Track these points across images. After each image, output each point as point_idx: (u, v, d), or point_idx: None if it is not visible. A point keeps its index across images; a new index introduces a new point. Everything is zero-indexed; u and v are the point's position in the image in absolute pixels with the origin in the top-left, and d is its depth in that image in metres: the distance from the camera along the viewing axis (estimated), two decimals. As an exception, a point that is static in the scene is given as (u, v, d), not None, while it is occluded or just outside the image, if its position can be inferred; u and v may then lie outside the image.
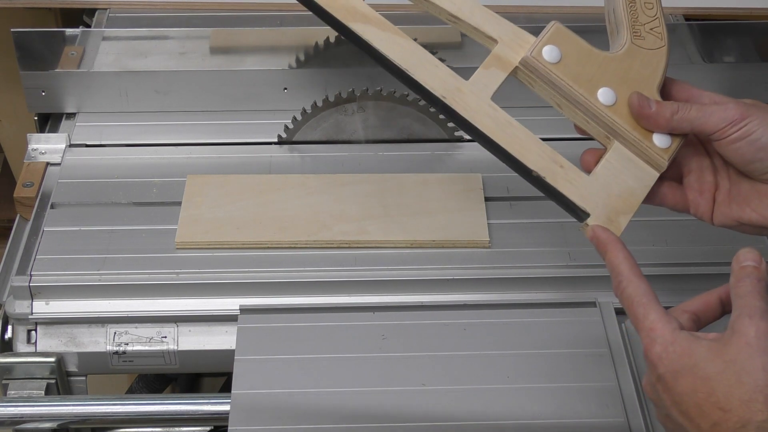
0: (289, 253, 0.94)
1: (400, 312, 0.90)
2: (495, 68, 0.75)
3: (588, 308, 0.90)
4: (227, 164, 1.04)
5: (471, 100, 0.75)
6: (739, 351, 0.61)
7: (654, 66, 0.76)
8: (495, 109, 0.75)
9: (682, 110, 0.73)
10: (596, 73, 0.75)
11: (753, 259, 0.66)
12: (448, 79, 0.75)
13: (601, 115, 0.74)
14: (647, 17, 0.77)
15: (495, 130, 0.74)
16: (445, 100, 0.75)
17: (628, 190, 0.74)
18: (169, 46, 1.14)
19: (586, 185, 0.74)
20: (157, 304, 0.91)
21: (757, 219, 0.73)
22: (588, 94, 0.74)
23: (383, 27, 0.76)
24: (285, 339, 0.87)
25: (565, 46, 0.75)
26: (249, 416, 0.82)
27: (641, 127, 0.74)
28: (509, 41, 0.76)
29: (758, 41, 1.15)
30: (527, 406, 0.83)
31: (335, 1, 0.76)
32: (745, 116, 0.70)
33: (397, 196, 0.99)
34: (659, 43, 0.76)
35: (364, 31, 0.76)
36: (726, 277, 0.92)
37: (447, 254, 0.94)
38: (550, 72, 0.74)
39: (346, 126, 1.06)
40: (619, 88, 0.74)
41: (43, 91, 1.09)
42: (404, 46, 0.76)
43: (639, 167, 0.74)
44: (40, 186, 1.02)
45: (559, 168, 0.74)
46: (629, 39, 0.76)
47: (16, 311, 0.90)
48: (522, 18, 1.21)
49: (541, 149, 0.74)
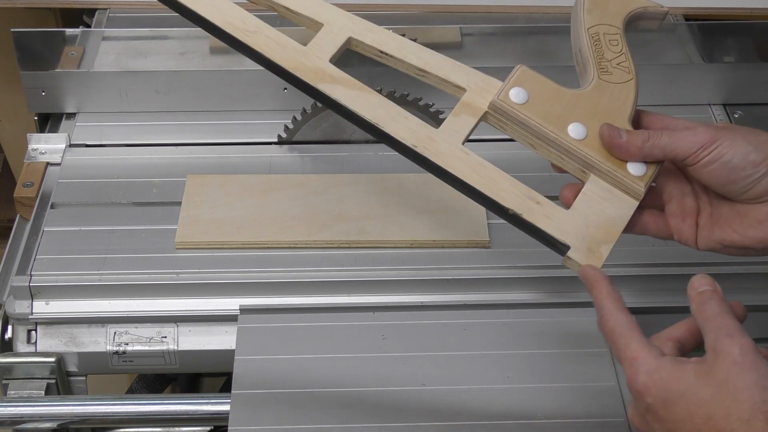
0: (289, 253, 0.94)
1: (400, 312, 0.90)
2: (465, 114, 0.77)
3: (588, 308, 0.90)
4: (227, 164, 1.04)
5: (443, 147, 0.76)
6: (728, 371, 0.61)
7: (623, 98, 0.76)
8: (467, 153, 0.76)
9: (653, 138, 0.73)
10: (565, 110, 0.75)
11: (708, 284, 0.66)
12: (418, 129, 0.77)
13: (573, 150, 0.74)
14: (612, 53, 0.78)
15: (468, 173, 0.75)
16: (416, 149, 0.76)
17: (608, 220, 0.74)
18: (169, 46, 1.14)
19: (565, 219, 0.74)
20: (157, 304, 0.91)
21: (740, 240, 0.73)
22: (558, 130, 0.75)
23: (350, 85, 0.78)
24: (285, 339, 0.88)
25: (531, 86, 0.76)
26: (249, 416, 0.82)
27: (614, 158, 0.74)
28: (477, 88, 0.78)
29: (758, 41, 1.15)
30: (527, 406, 0.83)
31: (303, 65, 0.79)
32: (715, 139, 0.70)
33: (397, 196, 0.99)
34: (627, 77, 0.77)
35: (333, 90, 0.78)
36: (726, 277, 0.92)
37: (447, 254, 0.94)
38: (518, 113, 0.75)
39: (346, 126, 1.06)
40: (589, 122, 0.75)
41: (43, 91, 1.09)
42: (372, 101, 0.78)
43: (617, 197, 0.74)
44: (40, 186, 1.02)
45: (536, 204, 0.75)
46: (596, 75, 0.77)
47: (16, 311, 0.90)
48: (522, 18, 1.21)
49: (515, 187, 0.75)
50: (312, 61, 0.79)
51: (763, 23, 1.15)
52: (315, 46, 0.80)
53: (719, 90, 1.12)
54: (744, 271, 0.92)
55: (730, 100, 1.12)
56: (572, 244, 0.73)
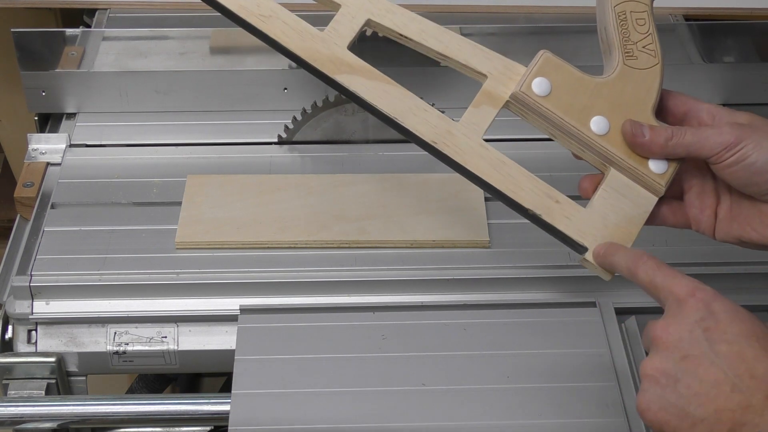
0: (289, 253, 0.94)
1: (400, 312, 0.90)
2: (485, 105, 0.76)
3: (588, 308, 0.90)
4: (227, 164, 1.05)
5: (462, 143, 0.75)
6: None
7: (648, 86, 0.75)
8: (487, 149, 0.75)
9: (677, 136, 0.72)
10: (588, 102, 0.75)
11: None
12: (438, 123, 0.76)
13: (594, 145, 0.74)
14: (639, 34, 0.76)
15: (488, 171, 0.75)
16: (436, 145, 0.75)
17: (627, 218, 0.74)
18: (169, 46, 1.14)
19: (583, 218, 0.74)
20: (157, 304, 0.91)
21: (759, 239, 0.73)
22: (580, 125, 0.74)
23: (369, 75, 0.77)
24: (285, 339, 0.87)
25: (554, 76, 0.75)
26: (249, 416, 0.82)
27: (636, 154, 0.74)
28: (498, 75, 0.76)
29: (758, 41, 1.15)
30: (527, 406, 0.83)
31: (320, 54, 0.77)
32: (741, 140, 0.70)
33: (397, 196, 0.99)
34: (653, 61, 0.76)
35: (351, 82, 0.76)
36: (727, 277, 0.92)
37: (447, 254, 0.94)
38: (540, 106, 0.74)
39: (346, 126, 1.06)
40: (612, 115, 0.74)
41: (43, 91, 1.09)
42: (391, 93, 0.76)
43: (637, 193, 0.74)
44: (41, 186, 1.02)
45: (555, 203, 0.75)
46: (621, 61, 0.75)
47: (17, 311, 0.90)
48: (522, 18, 1.21)
49: (535, 186, 0.75)
50: (330, 48, 0.77)
51: (763, 23, 1.15)
52: (332, 31, 0.78)
53: (719, 90, 1.12)
54: (744, 271, 0.92)
55: (730, 100, 1.12)
56: (590, 246, 0.74)
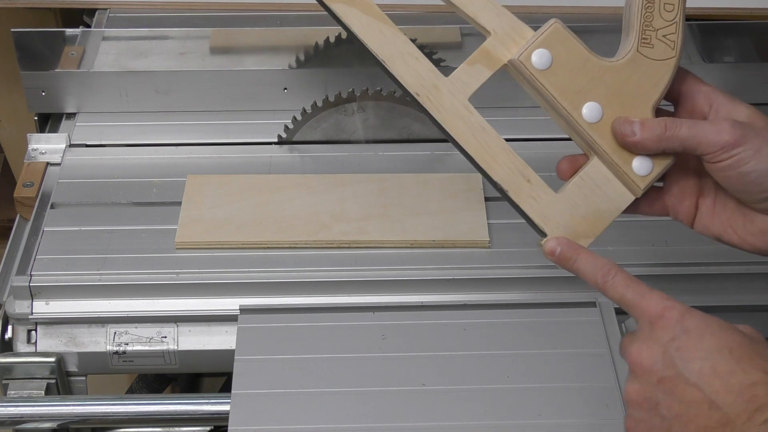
0: (289, 253, 0.94)
1: (399, 312, 0.90)
2: (480, 65, 0.72)
3: (588, 308, 0.90)
4: (227, 164, 1.05)
5: (446, 100, 0.71)
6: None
7: (656, 79, 0.70)
8: (470, 111, 0.72)
9: (671, 129, 0.68)
10: (587, 84, 0.70)
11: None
12: (426, 75, 0.72)
13: (582, 132, 0.71)
14: (663, 21, 0.70)
15: (466, 135, 0.71)
16: (418, 97, 0.71)
17: (596, 212, 0.71)
18: (169, 46, 1.14)
19: (551, 203, 0.71)
20: (157, 304, 0.91)
21: (738, 242, 0.70)
22: (572, 108, 0.70)
23: (367, 10, 0.72)
24: (285, 339, 0.87)
25: (558, 49, 0.71)
26: (249, 416, 0.82)
27: (624, 150, 0.70)
28: (503, 34, 0.72)
29: (758, 41, 1.15)
30: (527, 406, 0.83)
31: None
32: (739, 143, 0.65)
33: (397, 196, 0.99)
34: (669, 53, 0.70)
35: (346, 14, 0.72)
36: (726, 278, 0.92)
37: (447, 254, 0.94)
38: (535, 80, 0.70)
39: (346, 126, 1.06)
40: (608, 104, 0.70)
41: (43, 91, 1.09)
42: (385, 33, 0.72)
43: (613, 188, 0.71)
44: (40, 186, 1.02)
45: (526, 182, 0.71)
46: (635, 46, 0.70)
47: (16, 311, 0.90)
48: (522, 18, 1.20)
49: (510, 160, 0.71)
50: None
51: (763, 23, 1.15)
52: None
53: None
54: (744, 271, 0.92)
55: (729, 100, 1.12)
56: (550, 233, 0.71)
